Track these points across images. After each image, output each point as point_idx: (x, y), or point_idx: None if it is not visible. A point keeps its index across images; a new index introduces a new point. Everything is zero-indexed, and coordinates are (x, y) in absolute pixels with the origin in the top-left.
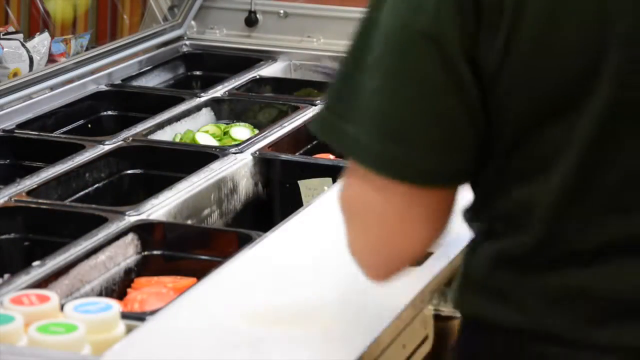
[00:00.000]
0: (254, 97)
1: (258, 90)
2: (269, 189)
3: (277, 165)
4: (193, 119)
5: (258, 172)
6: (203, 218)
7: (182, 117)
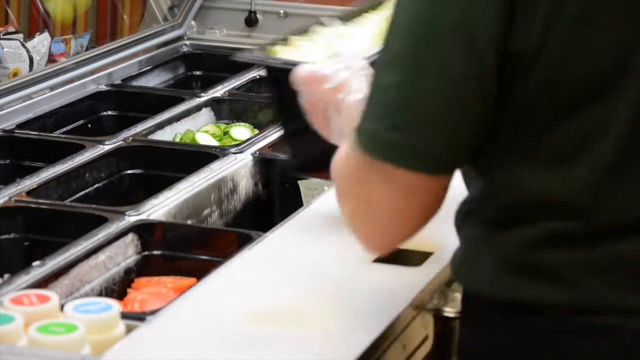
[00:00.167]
0: (254, 97)
1: (258, 90)
2: (269, 189)
3: (277, 165)
4: (193, 119)
5: (258, 172)
6: (203, 218)
7: (182, 117)
